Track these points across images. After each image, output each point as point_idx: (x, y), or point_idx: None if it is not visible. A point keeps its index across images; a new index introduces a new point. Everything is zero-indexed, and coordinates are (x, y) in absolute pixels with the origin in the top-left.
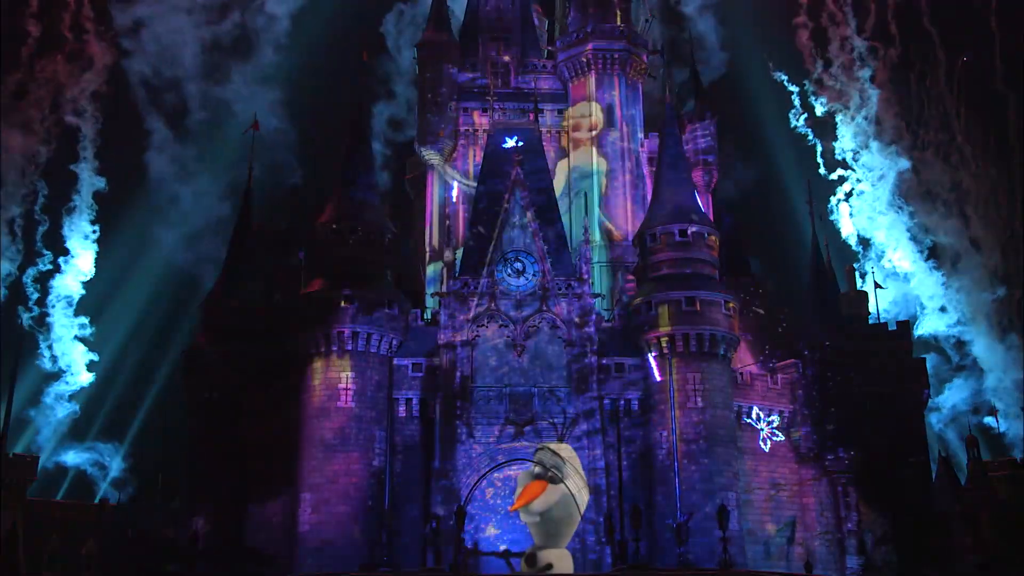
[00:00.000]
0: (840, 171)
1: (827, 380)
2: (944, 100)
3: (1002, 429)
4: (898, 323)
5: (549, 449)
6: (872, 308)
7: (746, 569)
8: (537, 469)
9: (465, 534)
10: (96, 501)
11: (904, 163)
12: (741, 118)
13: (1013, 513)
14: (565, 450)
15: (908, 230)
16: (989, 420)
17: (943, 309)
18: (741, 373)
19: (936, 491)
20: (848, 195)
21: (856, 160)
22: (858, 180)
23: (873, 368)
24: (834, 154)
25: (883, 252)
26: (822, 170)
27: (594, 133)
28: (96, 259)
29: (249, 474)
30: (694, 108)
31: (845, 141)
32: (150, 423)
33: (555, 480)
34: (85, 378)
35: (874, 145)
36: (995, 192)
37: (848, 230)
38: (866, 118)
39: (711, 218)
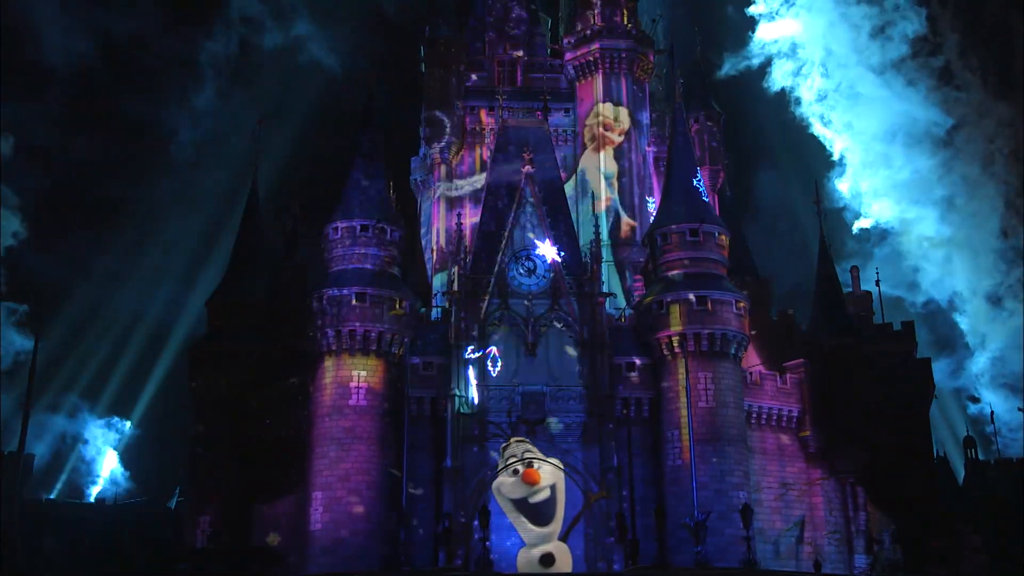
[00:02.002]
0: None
1: (834, 380)
2: (938, 24)
3: (997, 411)
4: (903, 323)
5: (513, 442)
6: (878, 304)
7: (764, 568)
8: (516, 464)
9: (477, 533)
10: (92, 500)
11: (898, 100)
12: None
13: (1013, 512)
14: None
15: (901, 177)
16: (982, 409)
17: (943, 265)
18: (751, 372)
19: (939, 491)
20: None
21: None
22: (832, 105)
23: (879, 368)
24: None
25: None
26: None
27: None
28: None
29: (256, 472)
30: (701, 108)
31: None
32: (153, 421)
33: (532, 464)
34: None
35: (867, 78)
36: (1000, 129)
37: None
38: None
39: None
